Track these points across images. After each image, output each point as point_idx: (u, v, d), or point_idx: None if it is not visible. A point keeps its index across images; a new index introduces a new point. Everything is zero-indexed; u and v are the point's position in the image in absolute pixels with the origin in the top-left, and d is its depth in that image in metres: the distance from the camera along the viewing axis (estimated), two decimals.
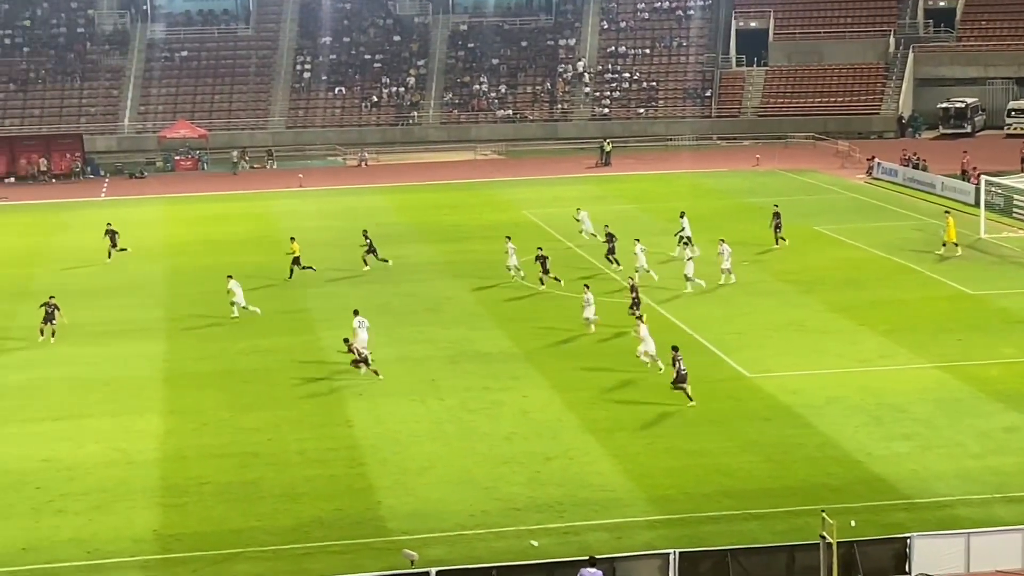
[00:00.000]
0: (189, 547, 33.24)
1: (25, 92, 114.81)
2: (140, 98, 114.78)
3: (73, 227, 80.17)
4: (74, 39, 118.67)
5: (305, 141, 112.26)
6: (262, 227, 77.34)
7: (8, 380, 47.62)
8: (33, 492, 36.88)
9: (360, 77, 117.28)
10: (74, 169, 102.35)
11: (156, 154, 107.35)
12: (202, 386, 46.49)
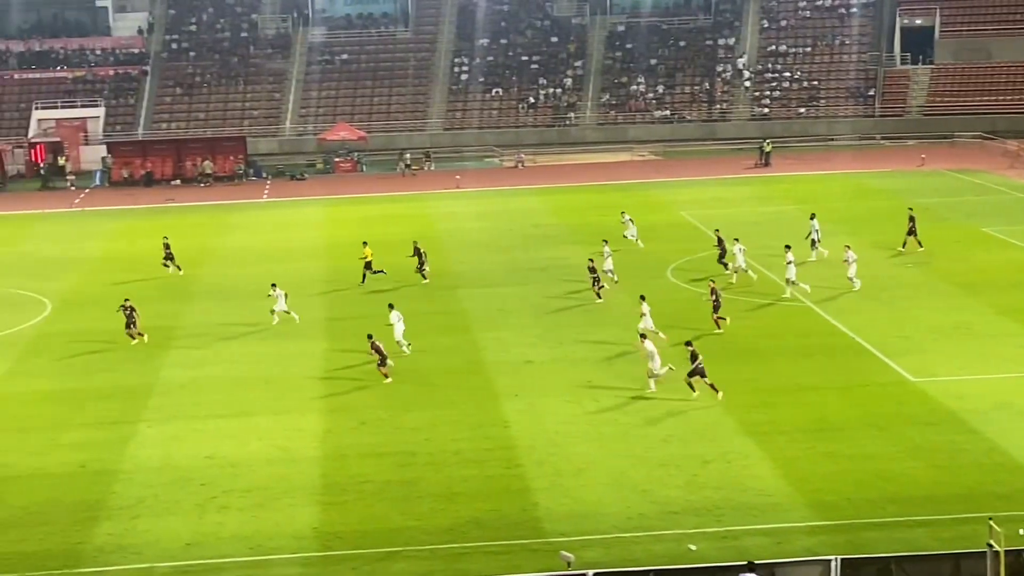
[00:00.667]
0: (349, 545, 33.56)
1: (191, 96, 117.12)
2: (301, 101, 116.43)
3: (237, 228, 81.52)
4: (238, 43, 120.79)
5: (462, 143, 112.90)
6: (420, 228, 77.80)
7: (175, 378, 48.54)
8: (198, 488, 37.54)
9: (517, 78, 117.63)
10: (237, 171, 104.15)
11: (316, 156, 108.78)
12: (361, 385, 46.93)
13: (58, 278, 66.87)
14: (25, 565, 32.92)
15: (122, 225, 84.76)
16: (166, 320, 57.34)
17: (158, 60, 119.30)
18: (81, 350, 52.98)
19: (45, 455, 40.72)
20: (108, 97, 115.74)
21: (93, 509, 36.33)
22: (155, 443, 41.53)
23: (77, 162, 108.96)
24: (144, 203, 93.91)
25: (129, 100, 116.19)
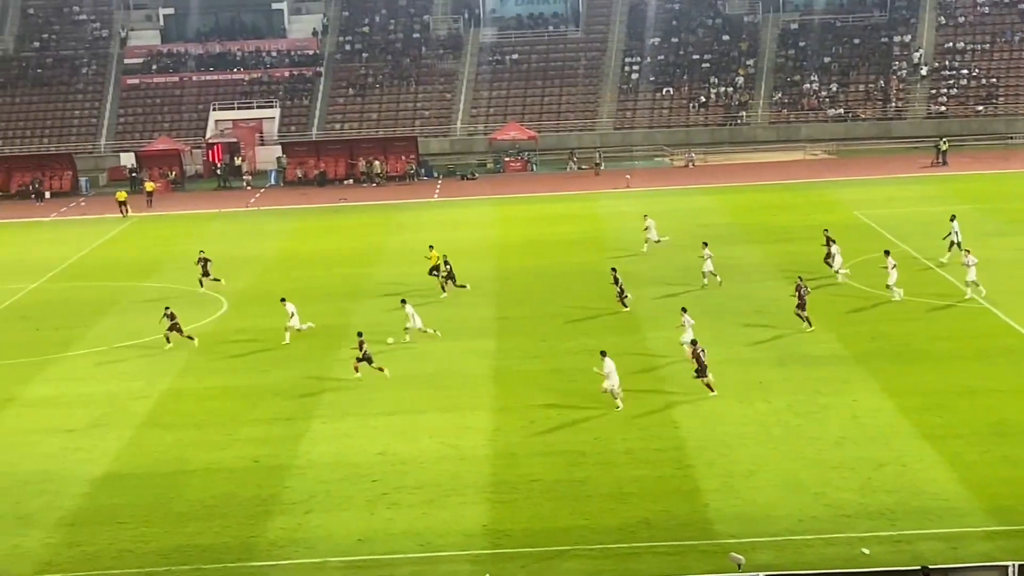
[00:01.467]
0: (518, 543, 33.66)
1: (363, 96, 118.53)
2: (472, 101, 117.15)
3: (408, 228, 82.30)
4: (410, 44, 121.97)
5: (632, 142, 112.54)
6: (590, 228, 77.83)
7: (349, 376, 49.11)
8: (369, 485, 37.96)
9: (688, 77, 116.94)
10: (408, 171, 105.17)
11: (486, 156, 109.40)
12: (530, 384, 47.05)
13: (234, 276, 68.11)
14: (201, 558, 33.61)
15: (296, 225, 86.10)
16: (338, 318, 58.10)
17: (332, 61, 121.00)
18: (256, 347, 53.93)
19: (221, 450, 41.52)
20: (283, 98, 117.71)
21: (267, 504, 36.96)
22: (328, 439, 42.09)
23: (253, 162, 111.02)
24: (317, 203, 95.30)
25: (303, 101, 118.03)
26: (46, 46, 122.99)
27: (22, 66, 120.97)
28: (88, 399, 47.68)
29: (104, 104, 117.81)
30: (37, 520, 36.36)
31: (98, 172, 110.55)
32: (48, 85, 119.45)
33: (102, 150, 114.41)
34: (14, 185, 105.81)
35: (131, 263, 74.09)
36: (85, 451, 41.96)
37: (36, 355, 54.13)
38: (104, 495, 38.16)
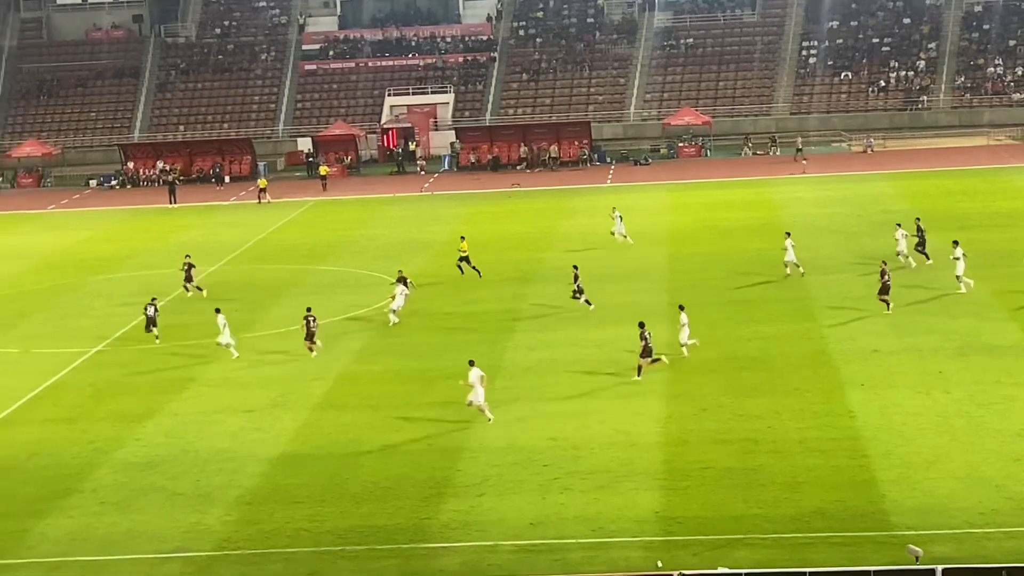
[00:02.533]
0: (690, 530, 33.42)
1: (537, 82, 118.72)
2: (646, 86, 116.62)
3: (580, 213, 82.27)
4: (584, 29, 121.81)
5: (808, 127, 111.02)
6: (764, 214, 77.00)
7: (520, 360, 49.28)
8: (541, 469, 38.01)
9: (867, 61, 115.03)
10: (581, 156, 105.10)
11: (660, 141, 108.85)
12: (703, 371, 46.69)
13: (408, 260, 68.73)
14: (375, 538, 33.96)
15: (469, 209, 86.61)
16: (511, 303, 58.31)
17: (505, 47, 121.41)
18: (430, 331, 54.36)
19: (395, 432, 41.92)
20: (457, 83, 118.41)
21: (440, 486, 37.21)
22: (500, 423, 42.23)
23: (427, 147, 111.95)
24: (490, 188, 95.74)
25: (477, 86, 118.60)
26: (227, 33, 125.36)
27: (203, 53, 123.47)
28: (266, 380, 48.50)
29: (282, 90, 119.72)
30: (217, 498, 37.08)
31: (276, 157, 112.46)
32: (228, 71, 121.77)
33: (280, 135, 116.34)
34: (195, 169, 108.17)
35: (308, 247, 75.22)
36: (263, 431, 42.69)
37: (217, 336, 55.16)
38: (281, 475, 38.78)
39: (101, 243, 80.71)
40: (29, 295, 65.13)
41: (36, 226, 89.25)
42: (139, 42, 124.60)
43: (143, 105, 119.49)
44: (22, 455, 41.43)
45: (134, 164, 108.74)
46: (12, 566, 33.28)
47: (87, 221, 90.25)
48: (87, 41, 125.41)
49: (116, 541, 34.54)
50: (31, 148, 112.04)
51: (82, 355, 53.09)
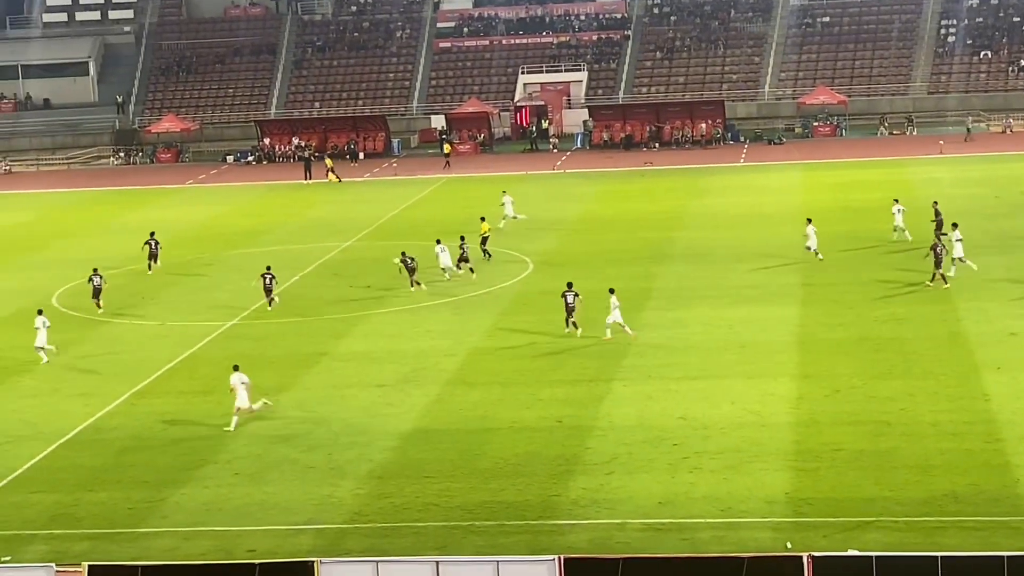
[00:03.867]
0: (820, 512, 33.13)
1: (670, 60, 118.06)
2: (780, 65, 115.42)
3: (712, 192, 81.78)
4: (719, 7, 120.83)
5: (946, 107, 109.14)
6: (900, 195, 75.85)
7: (650, 339, 49.12)
8: (670, 448, 37.91)
9: (1008, 40, 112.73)
10: (715, 135, 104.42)
11: (794, 120, 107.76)
12: (835, 352, 46.22)
13: (539, 238, 68.88)
14: (505, 514, 34.11)
15: (601, 188, 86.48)
16: (641, 282, 58.16)
17: (640, 24, 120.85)
18: (560, 309, 54.33)
19: (525, 409, 42.04)
20: (590, 62, 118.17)
21: (569, 463, 37.26)
22: (630, 402, 42.19)
23: (559, 125, 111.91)
24: (623, 166, 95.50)
25: (611, 64, 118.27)
26: (363, 11, 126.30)
27: (339, 30, 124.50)
28: (398, 355, 48.89)
29: (416, 67, 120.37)
30: (348, 471, 37.48)
31: (409, 134, 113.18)
32: (364, 49, 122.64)
33: (414, 112, 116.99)
34: (329, 145, 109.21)
35: (440, 223, 75.52)
36: (395, 406, 43.05)
37: (349, 311, 55.81)
38: (412, 449, 39.09)
39: (237, 218, 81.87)
40: (166, 269, 66.23)
41: (174, 200, 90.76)
42: (276, 19, 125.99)
43: (279, 82, 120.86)
44: (158, 426, 42.22)
45: (270, 140, 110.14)
46: (148, 534, 33.94)
47: (223, 196, 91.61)
48: (225, 18, 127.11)
49: (249, 512, 35.07)
50: (170, 124, 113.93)
51: (217, 328, 53.93)
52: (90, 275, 57.74)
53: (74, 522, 34.79)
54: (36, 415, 43.65)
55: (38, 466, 39.05)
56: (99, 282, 57.28)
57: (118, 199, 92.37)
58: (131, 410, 43.95)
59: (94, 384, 46.92)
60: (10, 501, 36.35)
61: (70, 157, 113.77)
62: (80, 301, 58.96)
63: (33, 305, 58.15)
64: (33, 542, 33.58)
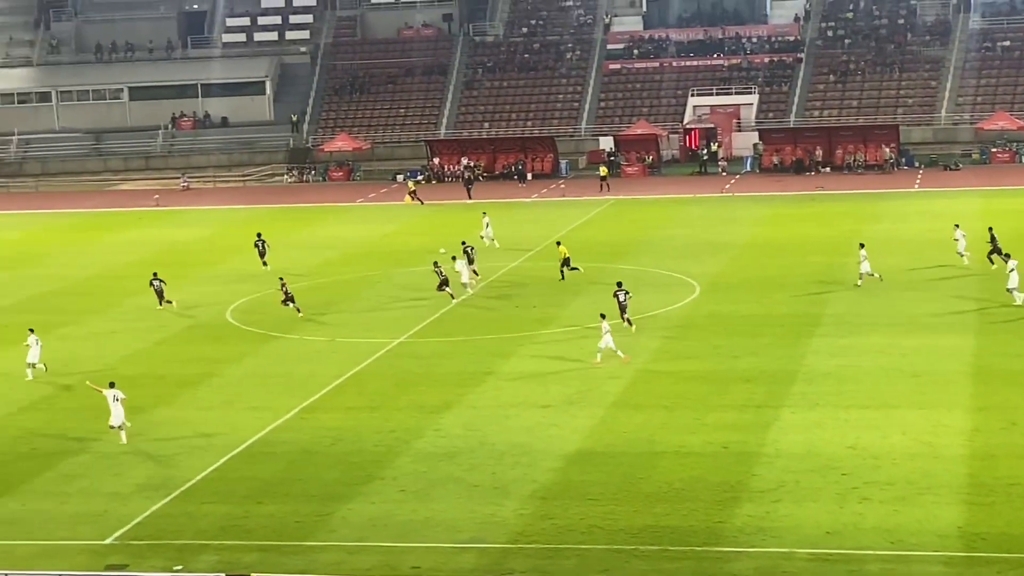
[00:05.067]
0: (994, 548, 32.28)
1: (844, 83, 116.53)
2: (958, 89, 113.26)
3: (887, 218, 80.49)
4: (895, 30, 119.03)
5: None
6: None
7: (819, 366, 48.46)
8: (839, 478, 37.26)
9: None
10: (888, 160, 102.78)
11: (972, 146, 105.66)
12: (1012, 383, 45.08)
13: (706, 261, 68.40)
14: (669, 539, 33.82)
15: (770, 211, 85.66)
16: (811, 307, 57.44)
17: (813, 47, 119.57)
18: (727, 333, 53.95)
19: (690, 434, 41.69)
20: (762, 84, 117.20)
21: (734, 490, 36.84)
22: (797, 429, 41.61)
23: (729, 148, 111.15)
24: (793, 190, 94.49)
25: (782, 87, 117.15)
26: (533, 32, 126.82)
27: (510, 51, 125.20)
28: (563, 376, 48.84)
29: (586, 89, 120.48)
30: (512, 491, 37.49)
31: (577, 155, 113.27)
32: (534, 70, 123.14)
33: (582, 133, 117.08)
34: (499, 166, 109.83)
35: (607, 244, 75.52)
36: (559, 427, 42.99)
37: (514, 331, 55.93)
38: (575, 471, 38.98)
39: (406, 236, 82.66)
40: (336, 285, 67.13)
41: (345, 218, 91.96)
42: (448, 40, 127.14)
43: (450, 102, 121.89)
44: (327, 440, 42.69)
45: (439, 160, 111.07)
46: (315, 548, 34.31)
47: (393, 214, 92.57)
48: (399, 39, 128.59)
49: (414, 528, 35.26)
50: (342, 142, 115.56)
51: (385, 345, 54.41)
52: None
53: (244, 533, 35.30)
54: (210, 427, 44.45)
55: (210, 477, 39.75)
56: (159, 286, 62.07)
57: (291, 216, 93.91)
58: (301, 424, 44.54)
59: (266, 398, 47.65)
60: (183, 511, 37.03)
61: (246, 174, 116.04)
62: (253, 316, 59.96)
63: (210, 319, 59.43)
64: (204, 552, 34.14)
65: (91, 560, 33.77)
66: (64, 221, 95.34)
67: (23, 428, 45.14)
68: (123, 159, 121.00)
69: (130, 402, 44.74)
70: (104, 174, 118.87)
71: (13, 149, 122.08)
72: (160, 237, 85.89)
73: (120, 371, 51.92)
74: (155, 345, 56.33)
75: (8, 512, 37.36)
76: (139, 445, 42.67)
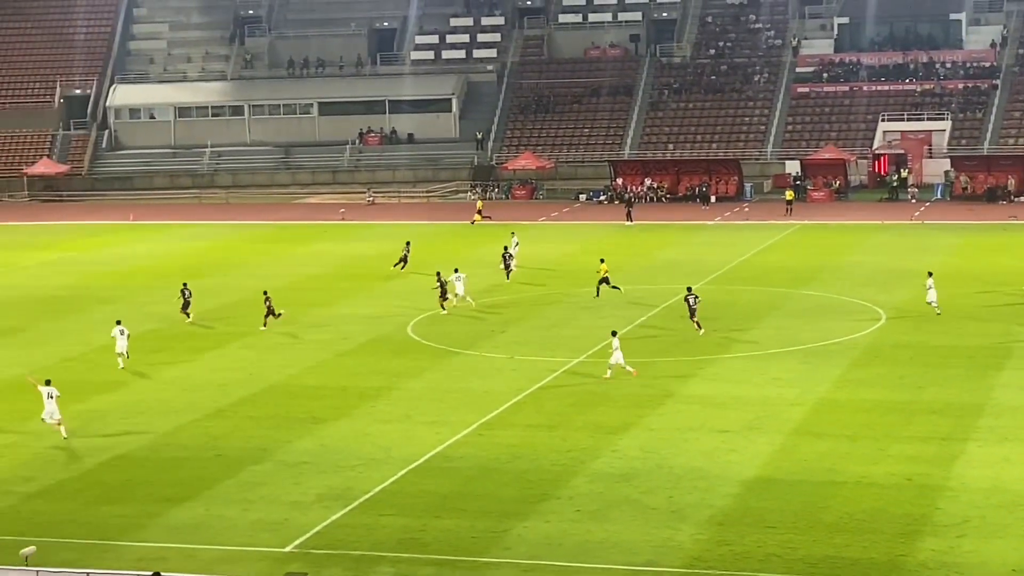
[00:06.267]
0: None
1: None
2: None
3: None
4: None
5: None
6: None
7: (1008, 399, 47.28)
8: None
9: None
10: None
11: None
12: None
13: (894, 290, 67.21)
14: (849, 571, 33.18)
15: (960, 240, 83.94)
16: (1002, 338, 56.13)
17: (1009, 74, 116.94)
18: (913, 363, 52.90)
19: (873, 464, 40.89)
20: (955, 111, 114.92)
21: (917, 523, 36.03)
22: (984, 463, 40.57)
23: (919, 175, 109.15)
24: (985, 219, 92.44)
25: (976, 114, 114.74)
26: (721, 54, 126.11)
27: (697, 73, 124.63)
28: (743, 401, 48.32)
29: (773, 112, 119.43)
30: (688, 515, 37.15)
31: (762, 178, 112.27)
32: (720, 92, 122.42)
33: (768, 157, 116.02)
34: (682, 188, 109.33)
35: (791, 270, 74.64)
36: (737, 452, 42.51)
37: (695, 354, 55.51)
38: (753, 497, 38.48)
39: (586, 256, 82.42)
40: (517, 303, 67.34)
41: (527, 237, 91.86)
42: (635, 61, 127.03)
43: (634, 123, 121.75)
44: (504, 457, 42.77)
45: (623, 180, 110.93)
46: (490, 564, 34.35)
47: (574, 234, 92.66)
48: (585, 59, 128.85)
49: (589, 549, 35.11)
50: (526, 161, 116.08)
51: (564, 364, 54.39)
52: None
53: (420, 547, 35.50)
54: (389, 440, 44.84)
55: (388, 490, 40.06)
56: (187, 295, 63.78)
57: (474, 233, 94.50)
58: (478, 440, 44.69)
59: (444, 412, 47.93)
60: (361, 522, 37.38)
61: (430, 190, 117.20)
62: (433, 330, 60.43)
63: (391, 332, 60.11)
64: (381, 564, 34.41)
65: (271, 567, 34.26)
66: (251, 232, 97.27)
67: (208, 434, 46.04)
68: (311, 173, 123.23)
69: (312, 413, 45.32)
70: (292, 187, 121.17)
71: (206, 160, 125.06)
72: (344, 251, 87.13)
73: (303, 381, 52.76)
74: (337, 357, 57.07)
75: (193, 516, 38.11)
76: (319, 456, 43.22)
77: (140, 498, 39.78)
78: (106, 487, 40.90)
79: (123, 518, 38.06)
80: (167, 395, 51.25)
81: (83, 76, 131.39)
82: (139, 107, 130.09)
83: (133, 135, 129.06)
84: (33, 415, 46.80)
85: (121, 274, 79.96)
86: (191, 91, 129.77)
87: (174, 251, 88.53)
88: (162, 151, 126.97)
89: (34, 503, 39.60)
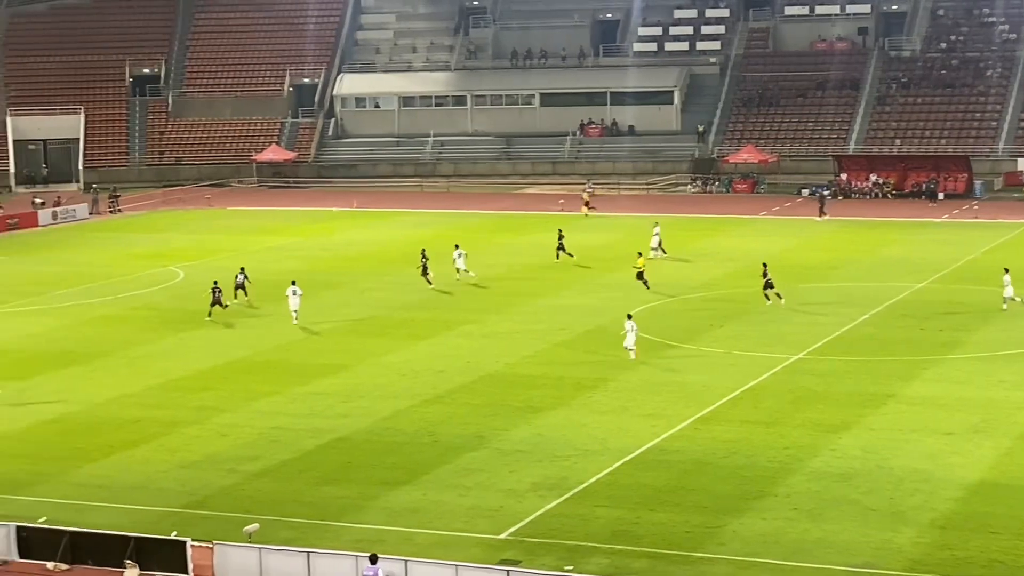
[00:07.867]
0: None
1: None
2: None
3: None
4: None
5: None
6: None
7: None
8: None
9: None
10: None
11: None
12: None
13: None
14: None
15: None
16: None
17: None
18: None
19: None
20: None
21: None
22: None
23: None
24: None
25: None
26: (952, 48, 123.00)
27: (927, 67, 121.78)
28: (968, 403, 47.12)
29: (1006, 108, 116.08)
30: (910, 518, 36.38)
31: (993, 176, 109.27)
32: (951, 87, 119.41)
33: (999, 153, 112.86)
34: (909, 184, 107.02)
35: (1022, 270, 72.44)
36: (961, 455, 41.47)
37: (918, 354, 54.34)
38: (978, 502, 37.51)
39: (808, 251, 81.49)
40: (735, 298, 66.72)
41: (746, 231, 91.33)
42: (862, 54, 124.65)
43: (860, 117, 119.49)
44: (720, 452, 42.43)
45: (847, 176, 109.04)
46: (705, 559, 34.13)
47: (795, 229, 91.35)
48: (811, 52, 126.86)
49: (806, 548, 34.63)
50: (748, 155, 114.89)
51: (783, 361, 53.70)
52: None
53: (634, 539, 35.42)
54: (605, 431, 44.83)
55: (603, 481, 40.07)
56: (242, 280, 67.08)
57: (693, 226, 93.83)
58: (694, 434, 44.41)
59: (660, 406, 47.74)
60: (576, 512, 37.45)
61: (650, 183, 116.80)
62: (650, 323, 60.08)
63: (606, 324, 60.08)
64: (594, 555, 34.43)
65: (486, 553, 34.54)
66: (471, 221, 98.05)
67: (426, 420, 46.61)
68: (531, 163, 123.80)
69: (528, 403, 45.60)
70: (512, 177, 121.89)
71: (428, 150, 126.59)
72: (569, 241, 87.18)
73: (520, 370, 53.10)
74: (554, 347, 57.25)
75: (410, 500, 38.64)
76: (535, 445, 43.41)
77: (359, 480, 40.49)
78: (326, 469, 41.72)
79: (342, 499, 38.79)
80: (386, 380, 52.06)
81: (312, 65, 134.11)
82: (364, 96, 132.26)
83: (358, 123, 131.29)
84: (259, 397, 47.96)
85: (345, 258, 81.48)
86: (415, 81, 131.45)
87: (396, 238, 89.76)
88: (386, 140, 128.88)
89: (258, 482, 40.59)
